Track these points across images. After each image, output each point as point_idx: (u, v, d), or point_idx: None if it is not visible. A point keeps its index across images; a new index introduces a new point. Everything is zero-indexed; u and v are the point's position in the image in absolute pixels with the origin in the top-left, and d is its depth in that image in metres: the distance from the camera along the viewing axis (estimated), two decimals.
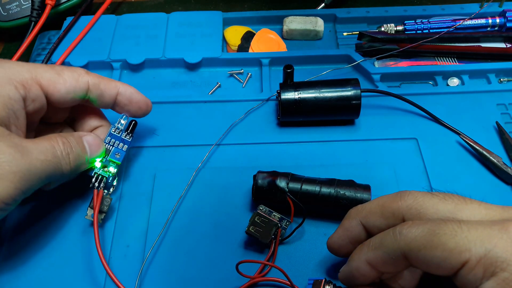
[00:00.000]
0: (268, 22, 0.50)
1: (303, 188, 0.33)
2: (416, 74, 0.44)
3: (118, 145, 0.35)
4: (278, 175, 0.34)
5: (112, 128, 0.36)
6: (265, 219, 0.32)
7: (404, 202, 0.25)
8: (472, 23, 0.46)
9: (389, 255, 0.23)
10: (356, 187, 0.33)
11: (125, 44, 0.46)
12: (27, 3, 0.48)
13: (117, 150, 0.35)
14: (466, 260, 0.20)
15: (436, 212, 0.23)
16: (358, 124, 0.41)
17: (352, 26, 0.49)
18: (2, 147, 0.26)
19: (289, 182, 0.33)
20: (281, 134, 0.40)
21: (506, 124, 0.40)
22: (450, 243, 0.20)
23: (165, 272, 0.33)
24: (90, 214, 0.33)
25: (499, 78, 0.44)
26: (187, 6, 0.53)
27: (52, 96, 0.31)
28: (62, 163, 0.30)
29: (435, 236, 0.21)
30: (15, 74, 0.29)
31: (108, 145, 0.35)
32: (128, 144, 0.36)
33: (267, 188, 0.33)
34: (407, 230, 0.22)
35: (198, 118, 0.41)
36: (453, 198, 0.24)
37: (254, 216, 0.32)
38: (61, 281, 0.32)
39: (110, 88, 0.34)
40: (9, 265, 0.33)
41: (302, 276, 0.32)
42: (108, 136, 0.35)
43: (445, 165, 0.38)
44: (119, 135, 0.36)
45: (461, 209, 0.23)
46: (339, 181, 0.34)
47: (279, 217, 0.33)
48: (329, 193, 0.33)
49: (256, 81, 0.45)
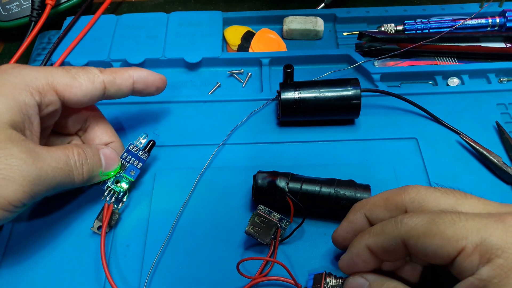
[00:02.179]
0: (268, 22, 0.50)
1: (303, 188, 0.33)
2: (416, 74, 0.44)
3: (134, 162, 0.36)
4: (278, 175, 0.34)
5: (130, 146, 0.36)
6: (265, 219, 0.32)
7: (407, 195, 0.25)
8: (472, 23, 0.46)
9: (389, 241, 0.24)
10: (356, 187, 0.33)
11: (125, 44, 0.46)
12: (27, 3, 0.48)
13: (132, 168, 0.35)
14: (462, 247, 0.21)
15: (437, 205, 0.24)
16: (358, 124, 0.41)
17: (352, 26, 0.49)
18: (15, 152, 0.27)
19: (289, 182, 0.33)
20: (281, 134, 0.40)
21: (506, 124, 0.40)
22: (448, 231, 0.21)
23: (165, 272, 0.33)
24: (97, 226, 0.33)
25: (499, 78, 0.44)
26: (187, 6, 0.53)
27: (69, 100, 0.32)
28: (75, 173, 0.30)
29: (434, 225, 0.22)
30: (32, 80, 0.30)
31: (124, 161, 0.35)
32: (143, 162, 0.36)
33: (267, 188, 0.33)
34: (408, 219, 0.23)
35: (198, 118, 0.41)
36: (454, 193, 0.24)
37: (253, 216, 0.32)
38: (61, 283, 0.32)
39: (125, 80, 0.34)
40: (11, 264, 0.33)
41: (302, 276, 0.32)
42: (125, 152, 0.36)
43: (445, 165, 0.38)
44: (136, 152, 0.36)
45: (461, 203, 0.24)
46: (339, 181, 0.34)
47: (279, 217, 0.33)
48: (329, 193, 0.33)
49: (256, 81, 0.45)
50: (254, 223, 0.32)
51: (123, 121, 0.41)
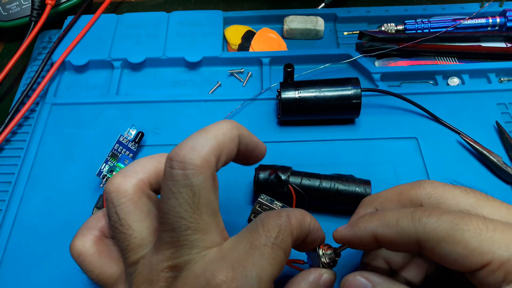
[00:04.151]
0: (269, 21, 0.50)
1: (303, 182, 0.33)
2: (416, 73, 0.44)
3: (125, 153, 0.38)
4: (279, 169, 0.34)
5: (120, 137, 0.38)
6: (267, 207, 0.32)
7: (424, 190, 0.24)
8: (473, 22, 0.46)
9: (402, 237, 0.21)
10: (356, 181, 0.33)
11: (125, 43, 0.46)
12: (27, 3, 0.48)
13: (126, 157, 0.37)
14: (488, 262, 0.19)
15: (456, 204, 0.22)
16: (358, 123, 0.41)
17: (353, 26, 0.49)
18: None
19: (290, 176, 0.33)
20: (281, 133, 0.40)
21: (506, 123, 0.40)
22: (474, 242, 0.19)
23: None
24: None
25: (499, 77, 0.44)
26: (187, 6, 0.53)
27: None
28: None
29: (458, 231, 0.19)
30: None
31: (116, 152, 0.37)
32: (133, 153, 0.38)
33: (268, 181, 0.33)
34: (428, 218, 0.21)
35: (199, 117, 0.41)
36: (475, 193, 0.23)
37: (255, 204, 0.32)
38: (61, 277, 0.33)
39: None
40: (12, 260, 0.33)
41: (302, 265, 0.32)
42: (116, 143, 0.37)
43: (445, 164, 0.38)
44: (126, 144, 0.38)
45: (482, 205, 0.22)
46: (340, 175, 0.34)
47: (281, 205, 0.32)
48: (330, 186, 0.33)
49: (256, 80, 0.45)
50: (256, 211, 0.32)
51: (123, 120, 0.41)
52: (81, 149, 0.40)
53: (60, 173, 0.38)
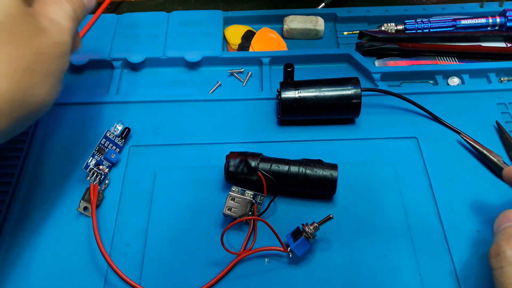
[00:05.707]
0: (269, 21, 0.50)
1: (272, 167, 0.34)
2: (416, 73, 0.44)
3: (112, 147, 0.38)
4: (249, 156, 0.35)
5: (107, 132, 0.38)
6: (239, 198, 0.33)
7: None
8: (473, 22, 0.46)
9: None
10: (324, 165, 0.34)
11: (125, 43, 0.46)
12: None
13: (112, 151, 0.38)
14: None
15: None
16: (359, 123, 0.41)
17: (353, 26, 0.49)
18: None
19: (260, 163, 0.34)
20: (281, 133, 0.40)
21: (506, 123, 0.40)
22: None
23: (165, 270, 0.33)
24: (83, 206, 0.35)
25: (499, 77, 0.44)
26: (187, 6, 0.53)
27: None
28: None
29: None
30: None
31: (103, 146, 0.37)
32: (120, 148, 0.39)
33: (238, 170, 0.34)
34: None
35: (199, 117, 0.41)
36: None
37: (227, 198, 0.33)
38: (62, 274, 0.33)
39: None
40: (9, 259, 0.33)
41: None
42: (103, 138, 0.38)
43: (445, 164, 0.38)
44: (113, 139, 0.39)
45: None
46: (308, 160, 0.35)
47: (253, 194, 0.34)
48: (298, 171, 0.34)
49: (256, 80, 0.45)
50: (229, 203, 0.33)
51: (123, 120, 0.41)
52: (81, 149, 0.40)
53: (60, 173, 0.38)
